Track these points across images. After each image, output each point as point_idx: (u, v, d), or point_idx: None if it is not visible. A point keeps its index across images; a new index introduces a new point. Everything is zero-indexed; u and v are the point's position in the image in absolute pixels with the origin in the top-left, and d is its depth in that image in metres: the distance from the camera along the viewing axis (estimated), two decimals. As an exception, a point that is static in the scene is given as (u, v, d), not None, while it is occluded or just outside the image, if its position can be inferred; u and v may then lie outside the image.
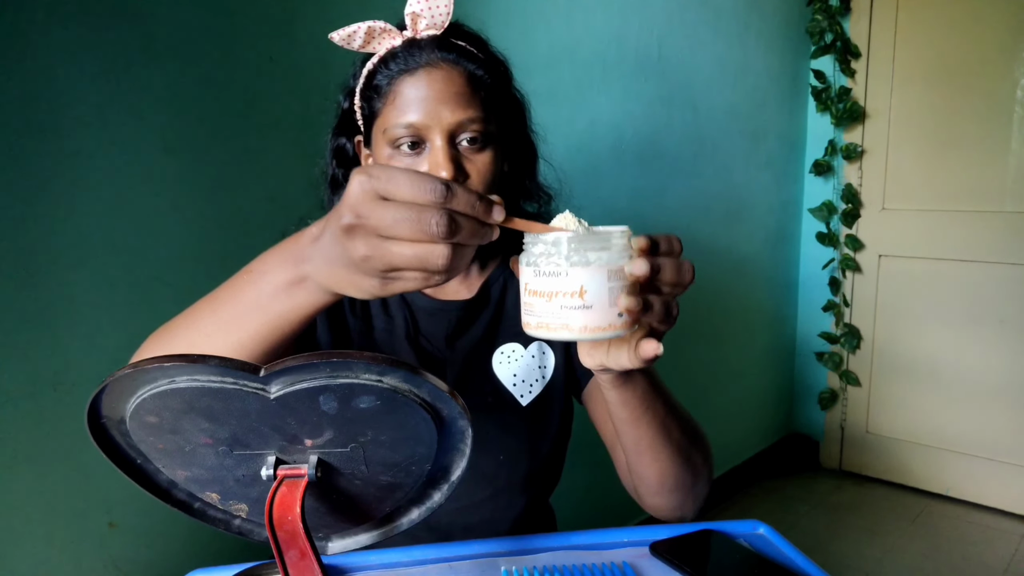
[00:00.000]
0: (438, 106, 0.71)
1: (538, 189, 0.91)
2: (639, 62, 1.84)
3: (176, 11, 0.99)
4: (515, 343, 0.84)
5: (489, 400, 0.82)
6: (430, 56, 0.73)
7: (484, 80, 0.75)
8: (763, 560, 0.67)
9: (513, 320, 0.85)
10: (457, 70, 0.73)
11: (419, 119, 0.72)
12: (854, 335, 2.58)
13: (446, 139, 0.72)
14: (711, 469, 0.76)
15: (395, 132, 0.72)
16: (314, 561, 0.50)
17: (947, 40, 2.30)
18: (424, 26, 0.74)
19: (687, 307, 2.14)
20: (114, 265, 0.96)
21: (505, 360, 0.84)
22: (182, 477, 0.52)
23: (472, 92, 0.73)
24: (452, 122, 0.72)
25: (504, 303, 0.86)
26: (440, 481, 0.55)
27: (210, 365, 0.44)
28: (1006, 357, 2.28)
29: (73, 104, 0.91)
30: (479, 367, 0.83)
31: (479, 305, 0.85)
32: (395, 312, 0.84)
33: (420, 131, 0.72)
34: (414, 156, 0.73)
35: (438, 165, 0.71)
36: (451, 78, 0.72)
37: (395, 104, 0.73)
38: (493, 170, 0.75)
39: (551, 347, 0.85)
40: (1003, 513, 2.33)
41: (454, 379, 0.82)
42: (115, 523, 0.99)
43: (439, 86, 0.72)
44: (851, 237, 2.55)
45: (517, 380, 0.83)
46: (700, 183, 2.12)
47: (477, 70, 0.74)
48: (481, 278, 0.87)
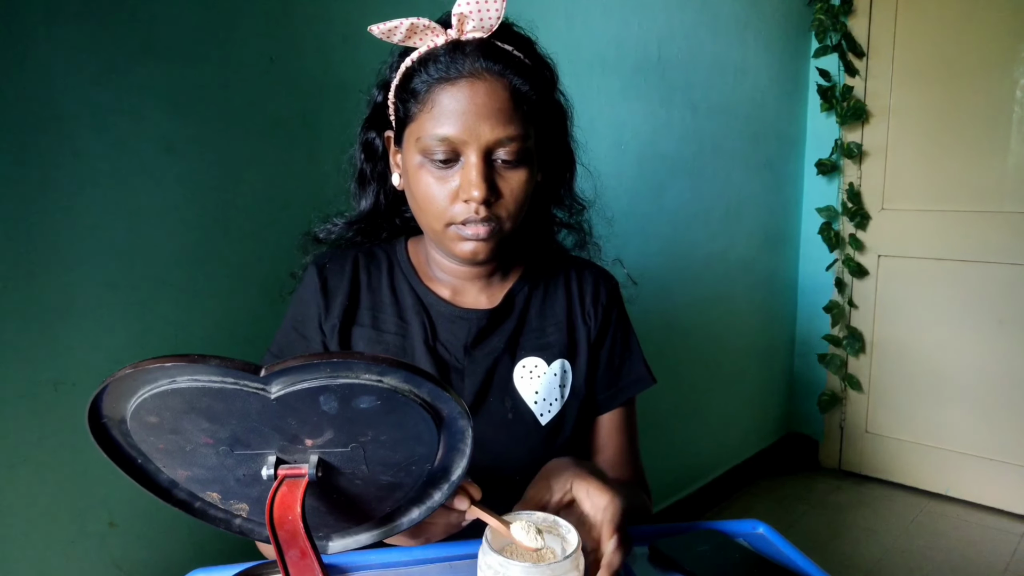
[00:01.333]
0: (478, 121, 0.68)
1: (572, 199, 0.88)
2: (639, 62, 1.84)
3: (176, 11, 0.99)
4: (537, 358, 0.81)
5: (509, 416, 0.79)
6: (474, 65, 0.68)
7: (528, 95, 0.71)
8: (763, 560, 0.67)
9: (536, 332, 0.82)
10: (501, 83, 0.69)
11: (456, 133, 0.68)
12: (857, 338, 2.57)
13: (482, 156, 0.69)
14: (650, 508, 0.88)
15: (428, 143, 0.69)
16: (314, 561, 0.50)
17: (946, 40, 2.30)
18: (471, 28, 0.69)
19: (687, 307, 2.14)
20: (114, 265, 0.96)
21: (527, 375, 0.80)
22: (183, 477, 0.52)
23: (514, 108, 0.69)
24: (491, 139, 0.68)
25: (528, 314, 0.83)
26: (440, 481, 0.55)
27: (211, 365, 0.44)
28: (1005, 357, 2.29)
29: (73, 104, 0.91)
30: (500, 380, 0.80)
31: (502, 315, 0.82)
32: (411, 317, 0.80)
33: (456, 145, 0.69)
34: (445, 169, 0.71)
35: (471, 184, 0.69)
36: (494, 92, 0.68)
37: (432, 113, 0.69)
38: (526, 188, 0.73)
39: (573, 369, 0.83)
40: (1003, 513, 2.33)
41: (473, 390, 0.78)
42: (115, 523, 0.99)
43: (480, 100, 0.68)
44: (853, 238, 2.54)
45: (539, 398, 0.80)
46: (700, 183, 2.12)
47: (523, 85, 0.70)
48: (504, 287, 0.84)
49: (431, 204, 0.72)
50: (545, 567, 0.51)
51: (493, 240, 0.73)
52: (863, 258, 2.55)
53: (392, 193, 0.85)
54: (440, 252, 0.80)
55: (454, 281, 0.83)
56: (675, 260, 2.06)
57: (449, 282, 0.83)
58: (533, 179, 0.75)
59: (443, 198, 0.71)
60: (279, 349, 0.81)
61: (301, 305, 0.81)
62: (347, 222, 0.86)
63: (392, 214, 0.88)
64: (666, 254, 2.03)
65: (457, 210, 0.71)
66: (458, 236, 0.73)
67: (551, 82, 0.78)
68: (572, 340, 0.84)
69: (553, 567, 0.51)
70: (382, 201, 0.85)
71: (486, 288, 0.83)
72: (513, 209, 0.73)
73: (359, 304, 0.81)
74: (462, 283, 0.83)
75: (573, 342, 0.84)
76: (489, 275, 0.83)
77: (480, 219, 0.71)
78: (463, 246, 0.73)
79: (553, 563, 0.52)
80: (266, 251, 1.11)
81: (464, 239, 0.73)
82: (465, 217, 0.71)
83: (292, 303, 0.83)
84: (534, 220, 0.87)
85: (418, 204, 0.74)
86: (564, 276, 0.87)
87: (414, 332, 0.80)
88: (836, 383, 2.66)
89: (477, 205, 0.70)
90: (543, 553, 0.57)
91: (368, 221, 0.86)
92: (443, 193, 0.71)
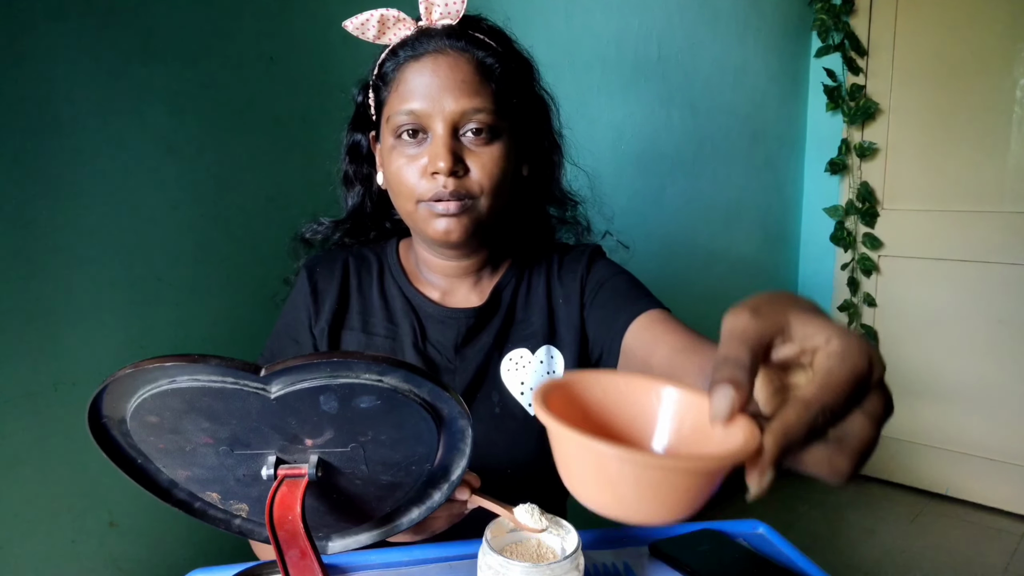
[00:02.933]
0: (442, 94, 0.68)
1: (563, 195, 0.88)
2: (639, 62, 1.84)
3: (176, 11, 0.99)
4: (523, 348, 0.81)
5: (496, 411, 0.79)
6: (439, 43, 0.70)
7: (495, 69, 0.71)
8: (763, 560, 0.67)
9: (523, 325, 0.82)
10: (465, 57, 0.70)
11: (420, 106, 0.69)
12: (872, 337, 2.53)
13: (448, 129, 0.69)
14: None
15: (397, 120, 0.70)
16: (314, 560, 0.50)
17: (946, 40, 2.30)
18: (439, 15, 0.71)
19: (686, 306, 2.14)
20: (114, 265, 0.96)
21: (513, 367, 0.80)
22: (183, 477, 0.52)
23: (481, 80, 0.70)
24: (455, 110, 0.68)
25: (514, 308, 0.83)
26: (440, 481, 0.55)
27: (210, 365, 0.44)
28: (1005, 357, 2.28)
29: (73, 104, 0.91)
30: (488, 375, 0.80)
31: (489, 312, 0.82)
32: (400, 319, 0.81)
33: (421, 119, 0.69)
34: (416, 145, 0.71)
35: (437, 156, 0.68)
36: (457, 64, 0.69)
37: (399, 92, 0.70)
38: (501, 165, 0.72)
39: (560, 351, 0.82)
40: (1003, 513, 2.33)
41: (463, 388, 0.78)
42: (115, 523, 0.99)
43: (444, 72, 0.69)
44: (869, 236, 2.50)
45: (524, 388, 0.80)
46: (699, 183, 2.12)
47: (487, 58, 0.71)
48: (492, 282, 0.84)
49: (402, 184, 0.72)
50: (545, 567, 0.51)
51: (466, 218, 0.72)
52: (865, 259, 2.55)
53: (379, 195, 0.86)
54: (424, 244, 0.80)
55: (443, 281, 0.83)
56: (675, 260, 2.06)
57: (439, 283, 0.83)
58: (510, 160, 0.74)
59: (413, 175, 0.71)
60: (271, 354, 0.81)
61: (292, 310, 0.82)
62: (334, 223, 0.87)
63: (380, 216, 0.88)
64: (666, 254, 2.03)
65: (425, 186, 0.71)
66: (430, 213, 0.72)
67: (527, 70, 0.79)
68: (552, 323, 0.83)
69: (553, 567, 0.51)
70: (368, 204, 0.86)
71: (476, 286, 0.83)
72: (487, 185, 0.72)
73: (349, 307, 0.81)
74: (451, 282, 0.83)
75: (553, 325, 0.83)
76: (477, 271, 0.83)
77: (448, 193, 0.70)
78: (436, 224, 0.72)
79: (553, 563, 0.52)
80: (266, 251, 1.10)
81: (436, 216, 0.72)
82: (434, 193, 0.70)
83: (284, 309, 0.84)
84: (526, 218, 0.87)
85: (392, 187, 0.75)
86: (546, 263, 0.87)
87: (403, 334, 0.80)
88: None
89: (444, 178, 0.69)
90: (543, 553, 0.57)
91: (354, 222, 0.87)
92: (413, 171, 0.71)
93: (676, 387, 0.41)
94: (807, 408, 0.33)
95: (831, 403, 0.33)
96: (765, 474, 0.33)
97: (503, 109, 0.72)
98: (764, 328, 0.35)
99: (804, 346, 0.36)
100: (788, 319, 0.36)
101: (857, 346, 0.34)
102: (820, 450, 0.34)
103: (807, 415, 0.33)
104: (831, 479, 0.35)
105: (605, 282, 0.82)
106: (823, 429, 0.33)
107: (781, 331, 0.36)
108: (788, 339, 0.36)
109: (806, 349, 0.36)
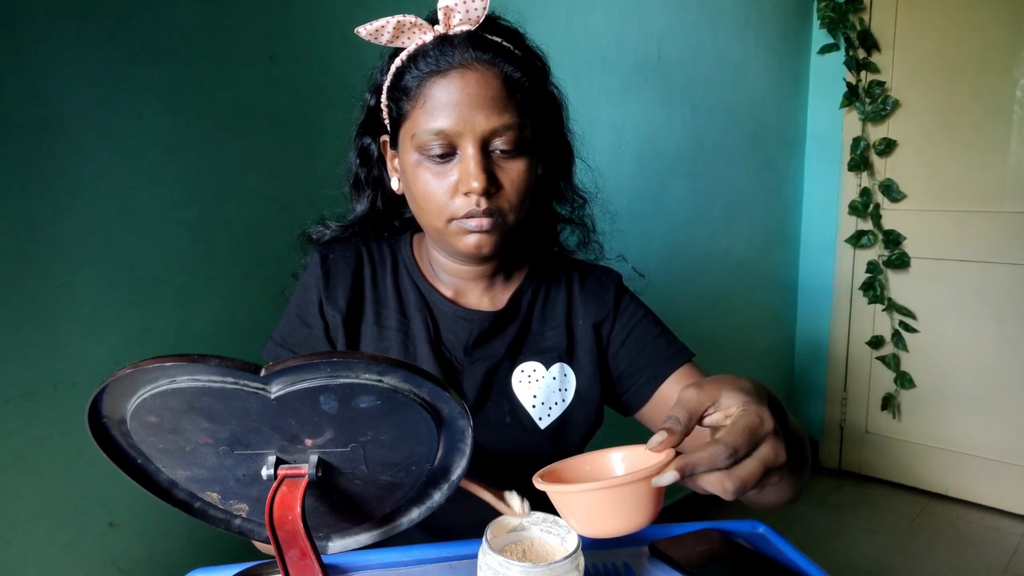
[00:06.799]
0: (472, 112, 0.67)
1: (573, 192, 0.87)
2: (639, 62, 1.84)
3: (176, 11, 0.99)
4: (536, 362, 0.81)
5: (507, 420, 0.78)
6: (463, 56, 0.67)
7: (521, 82, 0.70)
8: (763, 559, 0.67)
9: (538, 337, 0.82)
10: (492, 72, 0.68)
11: (450, 126, 0.67)
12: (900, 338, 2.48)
13: (479, 147, 0.68)
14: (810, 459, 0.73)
15: (424, 138, 0.68)
16: (314, 561, 0.50)
17: (947, 40, 2.30)
18: (458, 21, 0.68)
19: (686, 306, 2.14)
20: (114, 265, 0.96)
21: (526, 380, 0.80)
22: (183, 477, 0.52)
23: (508, 96, 0.68)
24: (486, 129, 0.67)
25: (531, 318, 0.83)
26: (440, 481, 0.55)
27: (211, 365, 0.44)
28: (1006, 357, 2.28)
29: (73, 104, 0.91)
30: (499, 383, 0.79)
31: (506, 318, 0.81)
32: (413, 314, 0.80)
33: (451, 138, 0.68)
34: (443, 164, 0.70)
35: (470, 176, 0.68)
36: (486, 81, 0.67)
37: (424, 108, 0.68)
38: (527, 178, 0.72)
39: (575, 372, 0.82)
40: (1003, 513, 2.33)
41: (471, 393, 0.78)
42: (115, 523, 0.99)
43: (473, 90, 0.67)
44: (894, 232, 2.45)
45: (537, 402, 0.79)
46: (699, 183, 2.12)
47: (514, 72, 0.69)
48: (507, 289, 0.83)
49: (430, 202, 0.71)
50: (545, 567, 0.51)
51: (497, 233, 0.72)
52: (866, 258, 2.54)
53: (389, 197, 0.85)
54: (443, 252, 0.80)
55: (456, 282, 0.82)
56: (675, 260, 2.06)
57: (452, 283, 0.82)
58: (533, 170, 0.74)
59: (442, 194, 0.71)
60: (281, 337, 0.81)
61: (304, 292, 0.81)
62: (341, 225, 0.86)
63: (390, 216, 0.87)
64: (666, 254, 2.03)
65: (458, 204, 0.70)
66: (461, 230, 0.72)
67: (543, 72, 0.78)
68: (571, 343, 0.83)
69: (553, 567, 0.51)
70: (379, 206, 0.85)
71: (488, 290, 0.83)
72: (515, 200, 0.72)
73: (363, 299, 0.81)
74: (464, 284, 0.82)
75: (572, 344, 0.83)
76: (491, 276, 0.83)
77: (482, 211, 0.70)
78: (467, 240, 0.72)
79: (553, 563, 0.52)
80: (266, 251, 1.10)
81: (467, 232, 0.72)
82: (467, 211, 0.70)
83: (296, 291, 0.83)
84: (536, 217, 0.87)
85: (418, 203, 0.74)
86: (566, 278, 0.86)
87: (416, 329, 0.79)
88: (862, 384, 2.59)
89: (478, 197, 0.69)
90: (543, 553, 0.57)
91: (363, 225, 0.86)
92: (442, 189, 0.70)
93: (632, 446, 0.57)
94: (713, 445, 0.49)
95: (731, 443, 0.49)
96: (666, 474, 0.49)
97: (526, 120, 0.71)
98: (702, 399, 0.53)
99: (726, 412, 0.53)
100: (720, 394, 0.53)
101: (755, 410, 0.51)
102: (717, 475, 0.50)
103: (711, 448, 0.49)
104: (721, 495, 0.50)
105: (636, 326, 0.85)
106: (723, 462, 0.49)
107: (714, 402, 0.53)
108: (718, 408, 0.54)
109: (728, 414, 0.53)
